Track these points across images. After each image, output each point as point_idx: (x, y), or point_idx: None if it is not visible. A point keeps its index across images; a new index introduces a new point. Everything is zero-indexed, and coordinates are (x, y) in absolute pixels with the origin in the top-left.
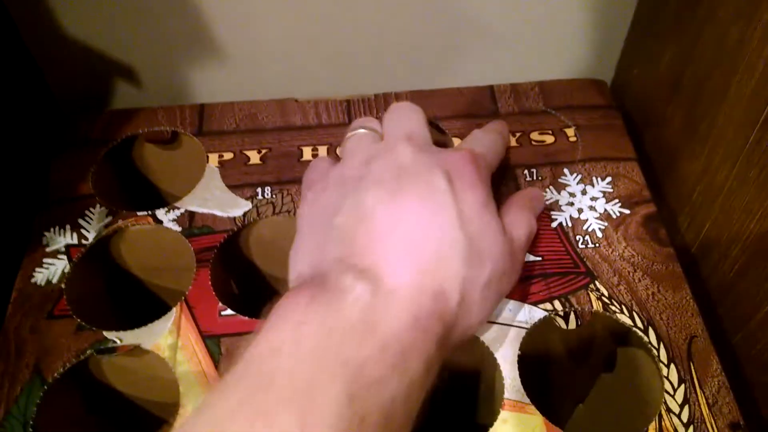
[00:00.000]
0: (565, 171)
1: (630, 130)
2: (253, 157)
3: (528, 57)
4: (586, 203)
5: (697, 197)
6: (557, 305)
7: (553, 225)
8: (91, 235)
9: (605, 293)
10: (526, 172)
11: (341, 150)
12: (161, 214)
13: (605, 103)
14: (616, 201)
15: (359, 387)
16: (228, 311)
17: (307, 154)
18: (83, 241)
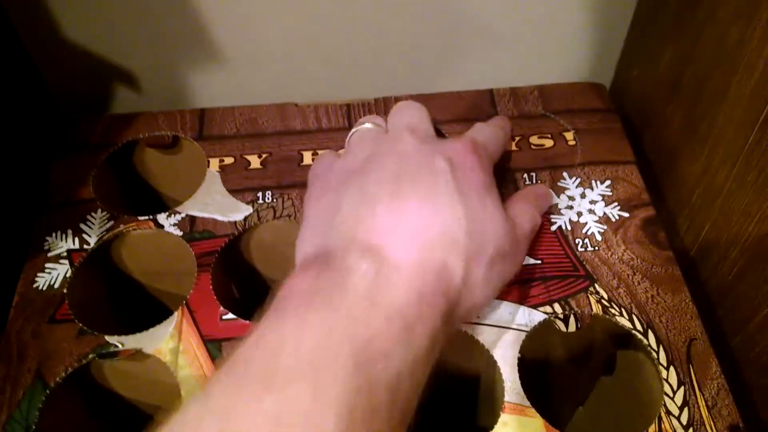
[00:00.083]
0: (564, 175)
1: (629, 132)
2: (254, 162)
3: (528, 59)
4: (585, 207)
5: (697, 199)
6: (557, 308)
7: (553, 228)
8: (93, 240)
9: (605, 296)
10: (525, 176)
11: (346, 144)
12: (162, 218)
13: (604, 107)
14: (615, 204)
15: (366, 360)
16: (229, 315)
17: (308, 158)
18: (85, 246)
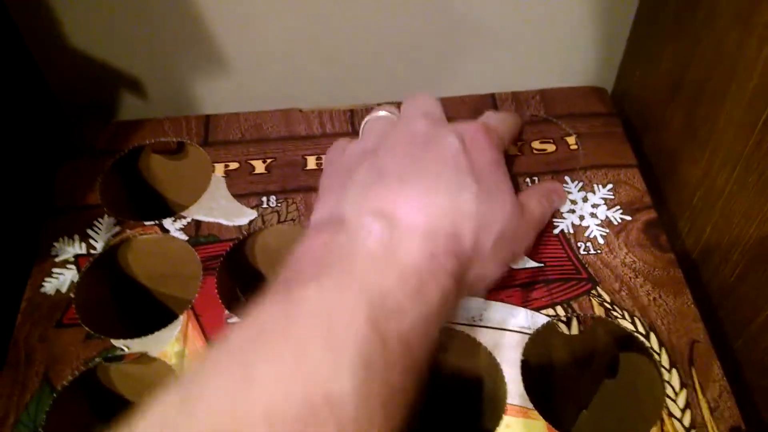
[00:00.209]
0: (566, 179)
1: (631, 135)
2: (258, 167)
3: (529, 62)
4: (587, 210)
5: (698, 202)
6: (560, 311)
7: (555, 231)
8: (99, 245)
9: (607, 299)
10: (527, 180)
11: (360, 131)
12: (168, 223)
13: (606, 111)
14: (617, 208)
15: (380, 313)
16: (234, 318)
17: (312, 163)
18: (91, 251)
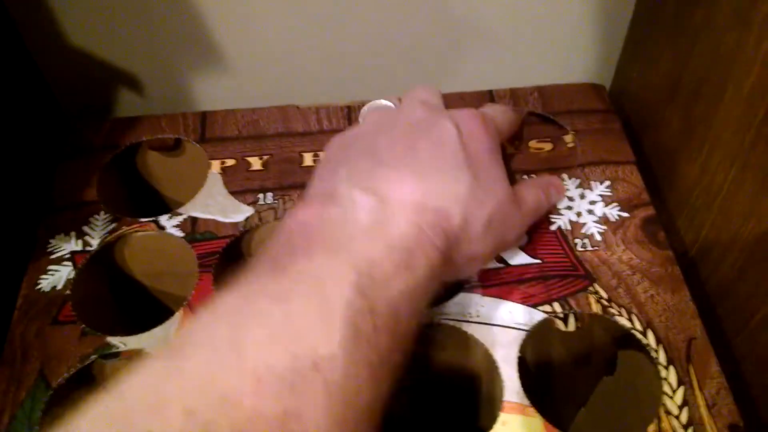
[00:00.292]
0: (564, 176)
1: (629, 133)
2: (255, 163)
3: (528, 60)
4: (585, 207)
5: (696, 199)
6: (557, 307)
7: (553, 228)
8: (96, 242)
9: (604, 296)
10: (525, 177)
11: (359, 119)
12: (164, 220)
13: (604, 108)
14: (615, 204)
15: (368, 282)
16: None
17: (308, 159)
18: (87, 248)
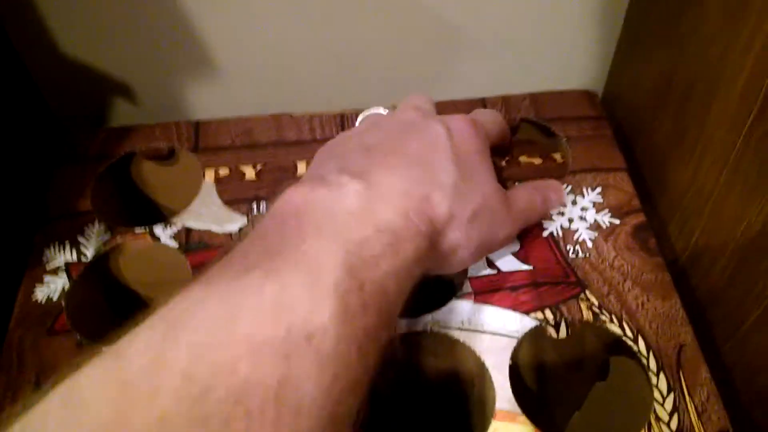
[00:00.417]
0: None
1: (621, 139)
2: (249, 173)
3: (520, 67)
4: (576, 213)
5: (687, 205)
6: (548, 314)
7: (544, 235)
8: (90, 252)
9: (595, 303)
10: (516, 184)
11: (357, 124)
12: (158, 230)
13: (596, 114)
14: (606, 211)
15: (357, 261)
16: None
17: (302, 168)
18: (82, 259)
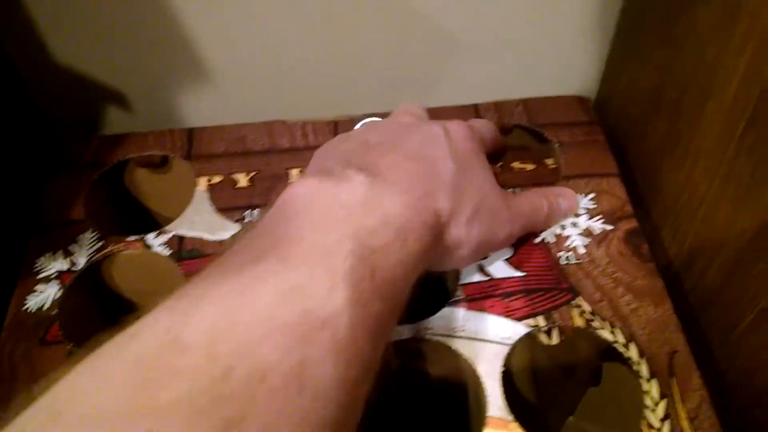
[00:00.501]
0: None
1: (615, 144)
2: (242, 180)
3: (513, 74)
4: (569, 219)
5: (680, 210)
6: (540, 321)
7: (537, 241)
8: (82, 261)
9: (587, 309)
10: (510, 191)
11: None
12: (151, 238)
13: (588, 120)
14: (598, 217)
15: (366, 249)
16: None
17: (295, 176)
18: (74, 267)
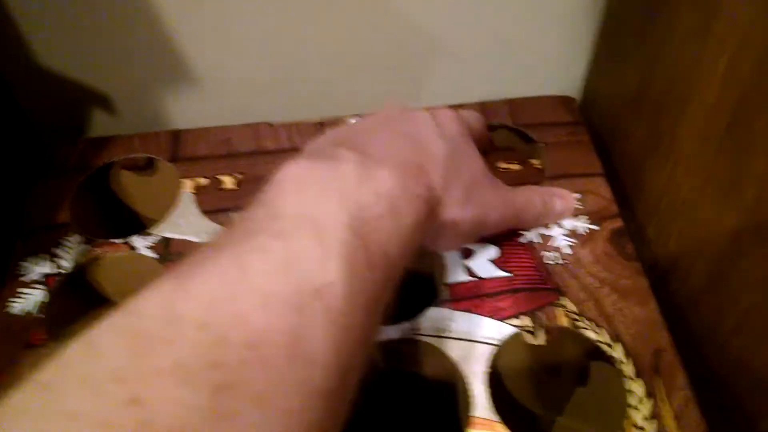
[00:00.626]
0: None
1: (600, 144)
2: (228, 182)
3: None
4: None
5: (664, 210)
6: (526, 321)
7: (523, 241)
8: (68, 264)
9: (573, 309)
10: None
11: None
12: (137, 241)
13: (573, 120)
14: (583, 217)
15: (360, 223)
16: None
17: None
18: (60, 271)
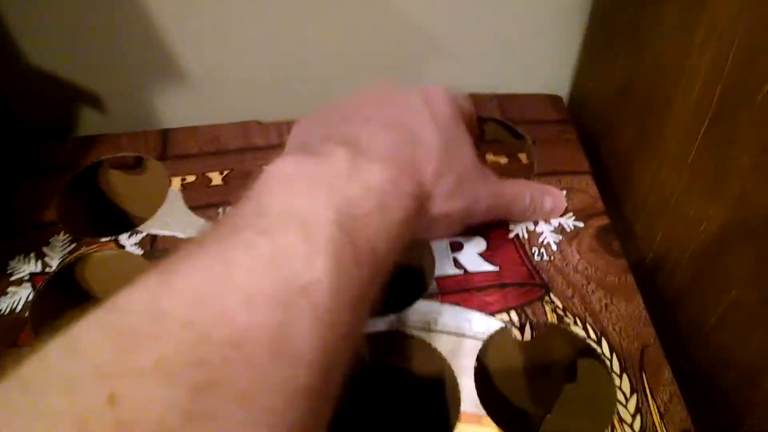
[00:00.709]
0: None
1: (588, 141)
2: (216, 179)
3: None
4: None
5: (650, 207)
6: (513, 316)
7: (510, 236)
8: (55, 263)
9: (559, 305)
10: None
11: None
12: (124, 238)
13: (561, 118)
14: (570, 214)
15: (347, 219)
16: None
17: None
18: (47, 269)
